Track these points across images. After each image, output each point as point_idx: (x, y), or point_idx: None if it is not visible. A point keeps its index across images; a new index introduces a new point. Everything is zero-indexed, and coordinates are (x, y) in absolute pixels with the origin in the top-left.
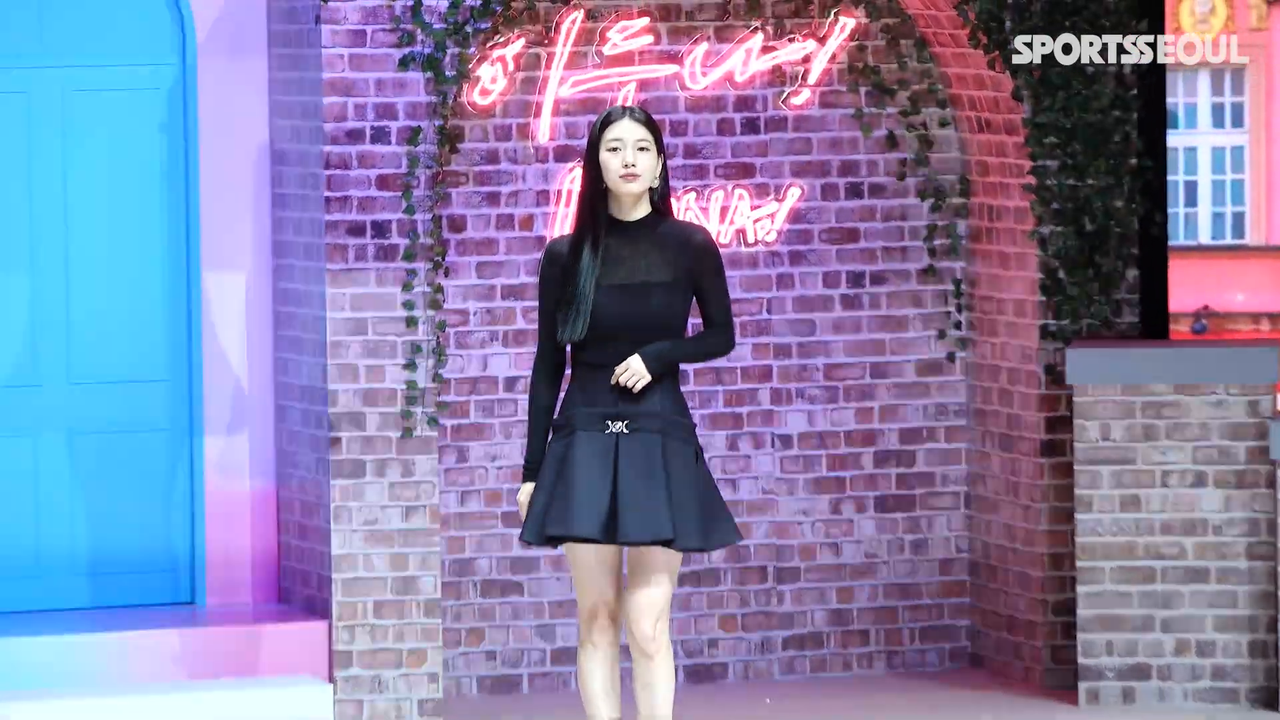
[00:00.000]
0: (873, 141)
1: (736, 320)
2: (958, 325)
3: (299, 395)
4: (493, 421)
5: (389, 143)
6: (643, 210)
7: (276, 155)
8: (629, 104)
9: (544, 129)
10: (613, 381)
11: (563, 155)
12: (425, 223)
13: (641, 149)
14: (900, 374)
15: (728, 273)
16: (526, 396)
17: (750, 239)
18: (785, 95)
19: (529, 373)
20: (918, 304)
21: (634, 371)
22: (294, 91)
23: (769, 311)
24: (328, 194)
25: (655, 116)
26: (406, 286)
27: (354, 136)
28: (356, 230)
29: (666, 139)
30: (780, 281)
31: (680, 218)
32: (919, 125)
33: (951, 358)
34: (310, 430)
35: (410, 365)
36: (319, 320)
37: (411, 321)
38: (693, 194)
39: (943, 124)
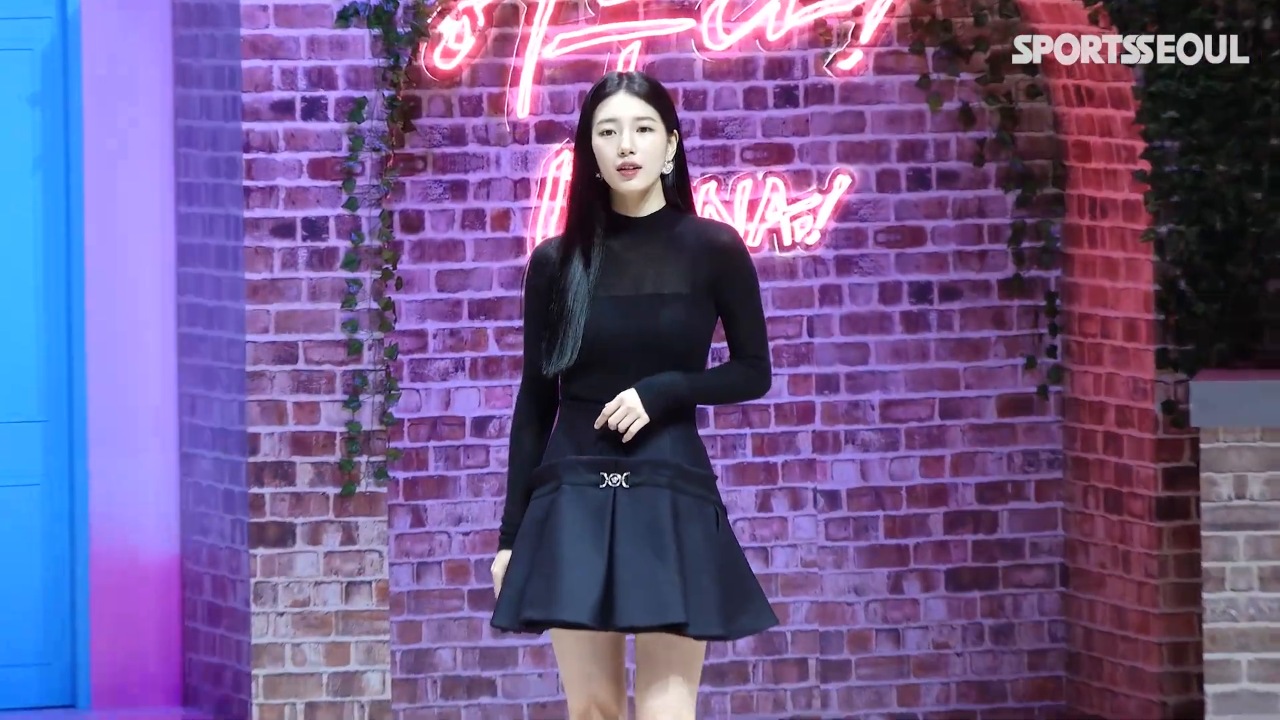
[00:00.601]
0: (943, 117)
1: (771, 345)
2: (1051, 351)
3: (210, 441)
4: (458, 474)
5: (325, 118)
6: (654, 204)
7: (181, 134)
8: (629, 70)
9: (523, 101)
10: (597, 422)
11: (546, 134)
12: (372, 220)
13: (643, 129)
14: (978, 413)
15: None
16: (505, 442)
17: (787, 241)
18: (831, 58)
19: (508, 412)
20: (1000, 324)
21: (627, 409)
22: (204, 53)
23: (810, 334)
24: (247, 183)
25: (666, 85)
26: (348, 302)
27: (280, 110)
28: (284, 230)
29: (680, 114)
30: (825, 295)
31: (703, 214)
32: (1001, 96)
33: (1043, 393)
34: (224, 485)
35: (352, 403)
36: (236, 345)
37: (354, 346)
38: (713, 183)
39: (1032, 94)
